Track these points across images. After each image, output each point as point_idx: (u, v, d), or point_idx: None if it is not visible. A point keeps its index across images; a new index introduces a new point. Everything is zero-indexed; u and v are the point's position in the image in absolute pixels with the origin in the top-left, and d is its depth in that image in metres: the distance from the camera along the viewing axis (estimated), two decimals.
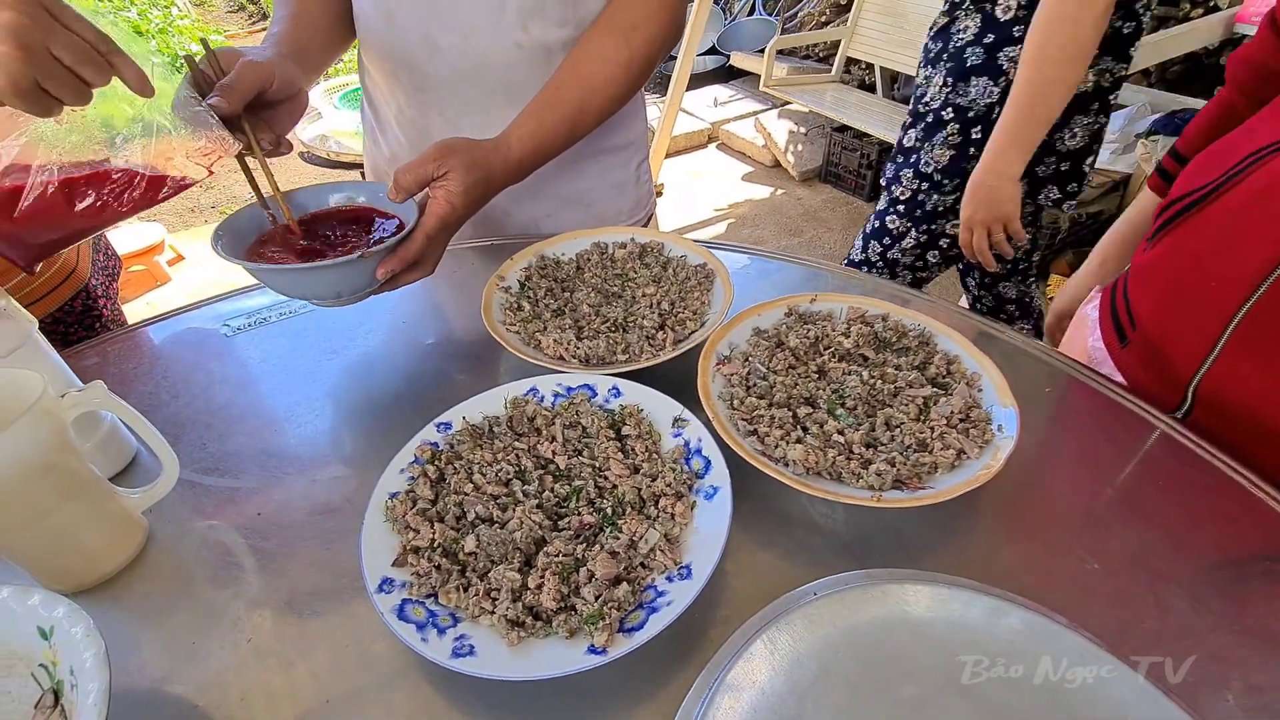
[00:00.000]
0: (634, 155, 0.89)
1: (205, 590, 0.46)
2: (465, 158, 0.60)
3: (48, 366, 0.50)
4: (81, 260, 0.83)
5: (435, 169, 0.59)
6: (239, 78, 0.56)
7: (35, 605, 0.37)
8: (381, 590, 0.40)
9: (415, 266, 0.60)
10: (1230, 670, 0.39)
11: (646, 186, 0.93)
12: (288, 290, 0.59)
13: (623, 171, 0.88)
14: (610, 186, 0.88)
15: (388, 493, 0.46)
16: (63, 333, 0.82)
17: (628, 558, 0.42)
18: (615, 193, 0.89)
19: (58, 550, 0.44)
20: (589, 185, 0.86)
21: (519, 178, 0.67)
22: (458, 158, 0.60)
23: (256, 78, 0.56)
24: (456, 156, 0.60)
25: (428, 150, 0.60)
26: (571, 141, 0.70)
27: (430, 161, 0.59)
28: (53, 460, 0.41)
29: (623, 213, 0.90)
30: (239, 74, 0.56)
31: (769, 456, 0.48)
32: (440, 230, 0.60)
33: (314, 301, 0.61)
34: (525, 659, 0.37)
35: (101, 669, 0.33)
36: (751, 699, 0.36)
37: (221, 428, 0.58)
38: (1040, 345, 0.64)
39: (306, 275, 0.55)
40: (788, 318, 0.61)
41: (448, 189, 0.59)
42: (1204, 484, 0.51)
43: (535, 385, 0.55)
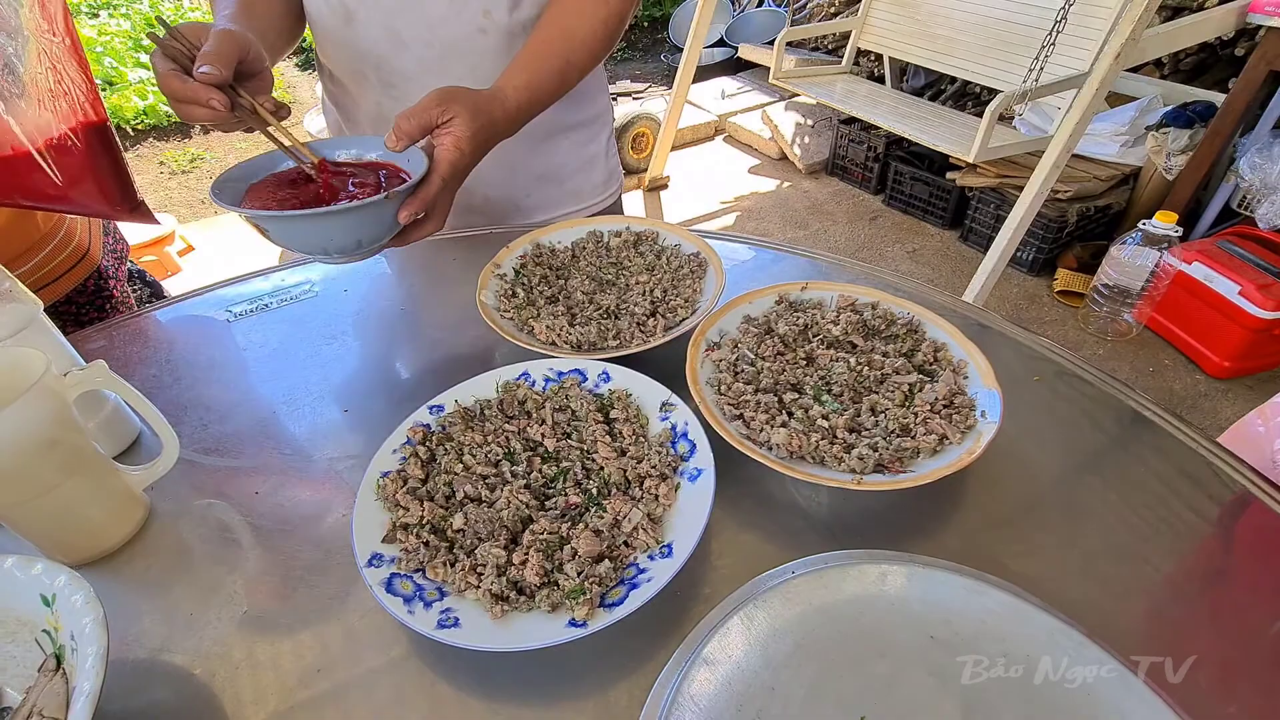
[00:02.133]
0: (602, 129, 0.91)
1: (203, 565, 0.47)
2: (469, 104, 0.60)
3: (53, 347, 0.51)
4: (94, 243, 0.85)
5: (439, 114, 0.58)
6: (219, 45, 0.54)
7: (38, 574, 0.38)
8: (371, 565, 0.42)
9: (427, 219, 0.60)
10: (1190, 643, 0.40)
11: (615, 160, 0.96)
12: (304, 242, 0.56)
13: (594, 145, 0.90)
14: (582, 161, 0.90)
15: (380, 472, 0.48)
16: (75, 313, 0.84)
17: (611, 536, 0.43)
18: (588, 166, 0.90)
19: (62, 524, 0.46)
20: (562, 161, 0.88)
21: (517, 128, 0.67)
22: (461, 103, 0.59)
23: (234, 45, 0.55)
24: (459, 102, 0.59)
25: (427, 97, 0.59)
26: (560, 94, 0.70)
27: (434, 107, 0.58)
28: (56, 436, 0.42)
29: (597, 186, 0.92)
30: (217, 41, 0.54)
31: (753, 440, 0.49)
32: (452, 176, 0.59)
33: (329, 256, 0.58)
34: (508, 631, 0.38)
35: (100, 633, 0.34)
36: (726, 672, 0.37)
37: (222, 410, 0.60)
38: (1031, 335, 0.64)
39: (329, 220, 0.53)
40: (778, 305, 0.62)
41: (455, 134, 0.59)
42: (1187, 471, 0.51)
43: (527, 370, 0.56)
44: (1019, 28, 1.98)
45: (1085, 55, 1.83)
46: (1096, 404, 0.57)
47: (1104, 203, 2.33)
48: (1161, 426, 0.55)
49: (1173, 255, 1.90)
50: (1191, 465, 0.52)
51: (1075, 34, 1.83)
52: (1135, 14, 1.50)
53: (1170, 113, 2.28)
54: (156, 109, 3.75)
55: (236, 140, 3.89)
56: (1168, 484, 0.50)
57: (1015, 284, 2.41)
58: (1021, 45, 1.95)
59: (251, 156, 0.61)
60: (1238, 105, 2.01)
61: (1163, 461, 0.52)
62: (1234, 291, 1.83)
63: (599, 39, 0.71)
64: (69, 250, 0.80)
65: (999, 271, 1.95)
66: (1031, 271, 2.42)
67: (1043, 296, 2.34)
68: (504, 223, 0.88)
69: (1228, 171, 2.13)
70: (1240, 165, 2.04)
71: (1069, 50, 1.86)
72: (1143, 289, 1.97)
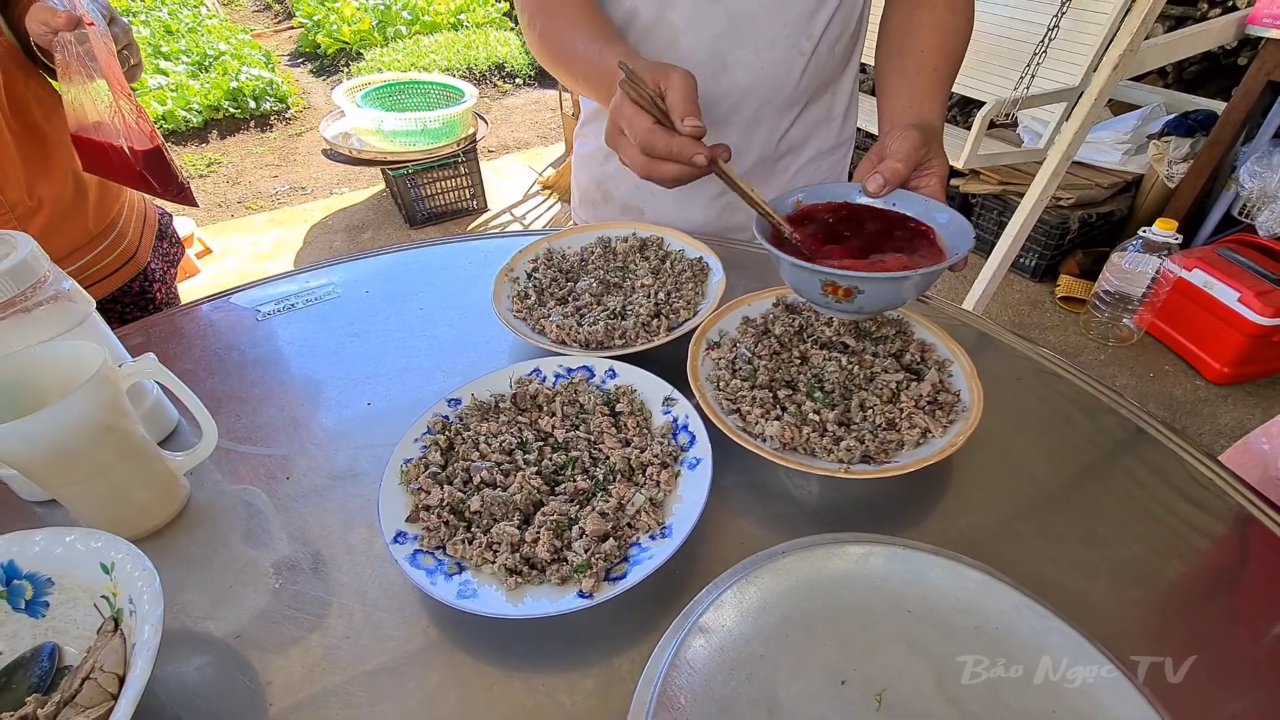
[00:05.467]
0: (850, 148, 0.92)
1: (240, 543, 0.51)
2: (939, 140, 0.58)
3: (105, 342, 0.56)
4: (143, 246, 0.90)
5: (924, 155, 0.56)
6: (686, 89, 0.52)
7: (98, 546, 0.42)
8: (396, 541, 0.45)
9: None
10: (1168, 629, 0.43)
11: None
12: (877, 301, 0.53)
13: (844, 164, 0.91)
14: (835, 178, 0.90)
15: (403, 459, 0.52)
16: (119, 312, 0.89)
17: (615, 518, 0.47)
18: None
19: (113, 504, 0.50)
20: (822, 180, 0.88)
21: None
22: (936, 141, 0.58)
23: (694, 87, 0.53)
24: (937, 140, 0.58)
25: (909, 135, 0.56)
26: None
27: (921, 147, 0.56)
28: (111, 422, 0.47)
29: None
30: (684, 85, 0.52)
31: (749, 432, 0.52)
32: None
33: (835, 308, 0.55)
34: (521, 601, 0.42)
35: (158, 596, 0.38)
36: (720, 640, 0.40)
37: (254, 401, 0.64)
38: (1013, 337, 0.68)
39: (904, 283, 0.50)
40: (775, 308, 0.65)
41: (940, 174, 0.57)
42: (1162, 469, 0.54)
43: (538, 366, 0.60)
44: (1011, 42, 2.02)
45: (1076, 70, 1.87)
46: (1074, 402, 0.61)
47: (1106, 209, 2.35)
48: (1133, 421, 0.58)
49: (1173, 262, 1.92)
50: (1160, 458, 0.55)
51: (1066, 48, 1.87)
52: (1133, 25, 1.53)
53: (1172, 121, 2.31)
54: (175, 114, 3.83)
55: (252, 145, 3.96)
56: (1133, 474, 0.54)
57: (1018, 289, 2.43)
58: (1013, 59, 1.99)
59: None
60: (1237, 115, 2.03)
61: (1135, 458, 0.55)
62: (1234, 298, 1.85)
63: (963, 55, 0.70)
64: (119, 251, 0.85)
65: (1000, 277, 1.97)
66: (1034, 277, 2.45)
67: (1045, 302, 2.36)
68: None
69: (1229, 180, 2.16)
70: (1240, 174, 2.06)
71: (1060, 64, 1.90)
72: (1143, 295, 1.99)
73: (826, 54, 0.76)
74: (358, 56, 4.77)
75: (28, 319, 0.50)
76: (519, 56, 4.72)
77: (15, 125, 0.78)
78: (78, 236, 0.83)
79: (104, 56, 0.71)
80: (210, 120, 3.96)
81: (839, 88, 0.83)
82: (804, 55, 0.74)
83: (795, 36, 0.73)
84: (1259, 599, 0.46)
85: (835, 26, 0.75)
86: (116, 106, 0.72)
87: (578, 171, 0.96)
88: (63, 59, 0.71)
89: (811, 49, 0.74)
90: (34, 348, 0.48)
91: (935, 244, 0.56)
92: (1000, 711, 0.37)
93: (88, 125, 0.75)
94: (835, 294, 0.52)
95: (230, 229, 3.03)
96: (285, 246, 2.87)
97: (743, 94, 0.76)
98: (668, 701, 0.37)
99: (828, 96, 0.83)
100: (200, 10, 5.45)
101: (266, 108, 4.10)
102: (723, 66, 0.74)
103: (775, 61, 0.74)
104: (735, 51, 0.73)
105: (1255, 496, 0.51)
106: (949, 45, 0.68)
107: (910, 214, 0.58)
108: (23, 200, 0.79)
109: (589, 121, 0.91)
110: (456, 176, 2.93)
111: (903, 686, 0.39)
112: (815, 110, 0.83)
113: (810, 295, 0.55)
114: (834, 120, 0.85)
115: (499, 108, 4.39)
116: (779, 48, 0.73)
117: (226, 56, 4.38)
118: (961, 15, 0.70)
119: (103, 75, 0.71)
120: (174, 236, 1.01)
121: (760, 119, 0.79)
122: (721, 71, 0.74)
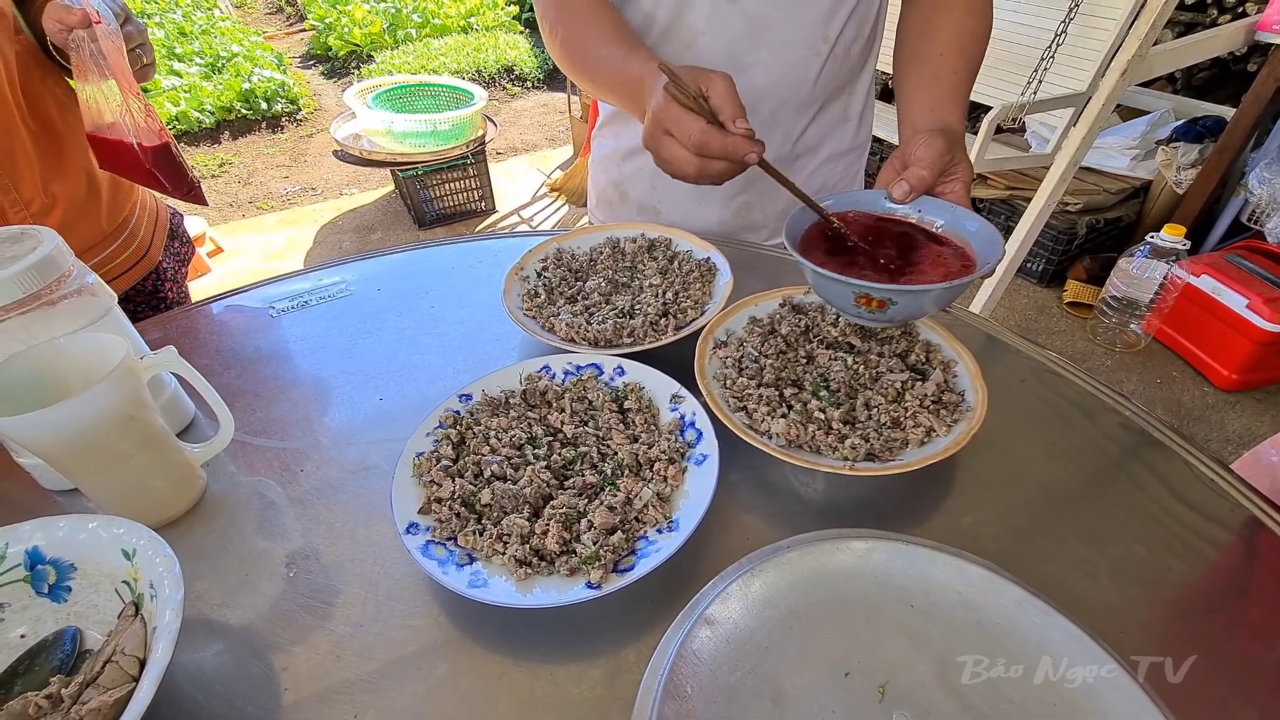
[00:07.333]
0: (866, 149, 0.92)
1: (254, 533, 0.52)
2: (961, 146, 0.58)
3: (126, 335, 0.57)
4: (154, 245, 0.92)
5: (948, 161, 0.56)
6: (728, 91, 0.53)
7: (120, 533, 0.43)
8: (409, 532, 0.46)
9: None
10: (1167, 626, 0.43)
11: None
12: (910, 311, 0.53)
13: (859, 165, 0.92)
14: (847, 181, 0.91)
15: (415, 452, 0.53)
16: (131, 310, 0.90)
17: (623, 512, 0.48)
18: (849, 186, 0.91)
19: (132, 493, 0.51)
20: (834, 182, 0.90)
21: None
22: (960, 148, 0.58)
23: (734, 88, 0.53)
24: (960, 146, 0.58)
25: (933, 141, 0.56)
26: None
27: (946, 153, 0.56)
28: (132, 412, 0.48)
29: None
30: (725, 87, 0.53)
31: (755, 430, 0.53)
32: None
33: (866, 317, 0.55)
34: (531, 592, 0.43)
35: (178, 581, 0.39)
36: (726, 632, 0.41)
37: (268, 396, 0.65)
38: (1019, 340, 0.68)
39: (918, 295, 0.51)
40: (782, 308, 0.66)
41: (964, 179, 0.57)
42: (1164, 472, 0.55)
43: (548, 363, 0.61)
44: (1018, 47, 2.02)
45: (1084, 75, 1.88)
46: (1078, 405, 0.61)
47: (1114, 215, 2.35)
48: (1137, 424, 0.58)
49: (1181, 268, 1.92)
50: (1164, 461, 0.55)
51: (1074, 53, 1.88)
52: (1142, 31, 1.53)
53: (1180, 127, 2.30)
54: (188, 114, 3.87)
55: (264, 146, 4.00)
56: (1135, 476, 0.54)
57: (1025, 295, 2.43)
58: (1021, 63, 2.00)
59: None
60: (1246, 121, 2.03)
61: (1138, 460, 0.56)
62: (1242, 305, 1.85)
63: (982, 38, 0.70)
64: (131, 250, 0.87)
65: (1007, 282, 1.98)
66: (1041, 282, 2.44)
67: (1052, 307, 2.36)
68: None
69: (1237, 186, 2.15)
70: (1249, 180, 2.06)
71: (1068, 69, 1.91)
72: (1151, 301, 1.99)
73: (843, 56, 0.77)
74: (368, 59, 4.81)
75: (52, 312, 0.51)
76: (528, 60, 4.75)
77: (32, 123, 0.80)
78: (91, 235, 0.84)
79: (113, 55, 0.72)
80: (223, 121, 4.00)
81: (855, 90, 0.84)
82: (820, 57, 0.75)
83: (812, 38, 0.74)
84: (1263, 601, 0.47)
85: (851, 29, 0.76)
86: (126, 105, 0.74)
87: (595, 173, 0.97)
88: (78, 58, 0.73)
89: (828, 51, 0.75)
90: (58, 340, 0.49)
91: (961, 251, 0.57)
92: (1002, 705, 0.38)
93: (103, 125, 0.76)
94: (868, 305, 0.53)
95: (241, 229, 3.06)
96: (296, 246, 2.90)
97: (759, 95, 0.77)
98: (674, 691, 0.37)
99: (844, 98, 0.84)
100: (214, 12, 5.51)
101: (278, 109, 4.14)
102: (740, 68, 0.75)
103: (792, 63, 0.75)
104: (752, 53, 0.74)
105: (1256, 497, 0.52)
106: (968, 48, 0.68)
107: (938, 221, 0.58)
108: (38, 197, 0.80)
109: (606, 124, 0.93)
110: (465, 178, 2.95)
111: (905, 679, 0.39)
112: (831, 112, 0.83)
113: (841, 305, 0.55)
114: (850, 122, 0.86)
115: (508, 110, 4.41)
116: (796, 49, 0.74)
117: (239, 58, 4.43)
118: (979, 17, 0.70)
119: (112, 74, 0.73)
120: (185, 236, 1.02)
121: (776, 120, 0.80)
122: (738, 72, 0.74)
